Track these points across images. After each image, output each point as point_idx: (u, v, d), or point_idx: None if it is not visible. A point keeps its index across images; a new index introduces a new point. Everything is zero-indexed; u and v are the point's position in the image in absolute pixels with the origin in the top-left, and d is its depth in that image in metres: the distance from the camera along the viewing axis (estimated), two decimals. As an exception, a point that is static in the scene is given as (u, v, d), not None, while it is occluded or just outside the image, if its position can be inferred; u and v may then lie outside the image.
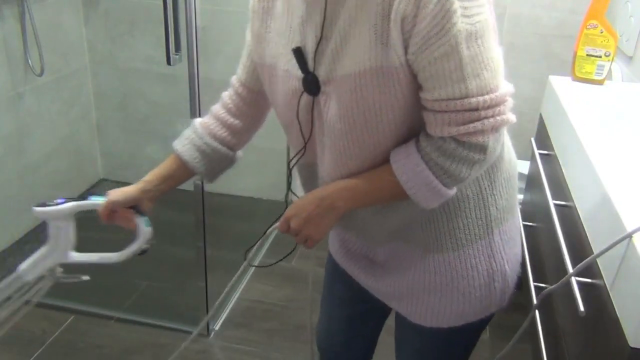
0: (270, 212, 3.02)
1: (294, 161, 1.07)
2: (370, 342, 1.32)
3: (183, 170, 1.19)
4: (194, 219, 1.82)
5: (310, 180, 1.08)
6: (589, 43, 1.49)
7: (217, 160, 1.21)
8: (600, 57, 1.49)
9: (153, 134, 2.88)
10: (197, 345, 1.93)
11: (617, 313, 0.83)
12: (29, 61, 2.35)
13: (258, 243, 1.33)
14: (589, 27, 1.47)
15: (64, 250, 1.14)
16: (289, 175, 1.11)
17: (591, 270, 0.94)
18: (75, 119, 2.76)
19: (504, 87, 0.84)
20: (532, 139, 1.59)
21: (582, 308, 0.92)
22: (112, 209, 1.13)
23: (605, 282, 0.89)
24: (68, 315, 2.02)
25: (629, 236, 0.82)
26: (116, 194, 1.13)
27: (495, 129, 0.84)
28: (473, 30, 0.79)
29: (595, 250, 0.96)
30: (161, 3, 1.54)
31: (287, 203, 1.12)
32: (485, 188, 0.96)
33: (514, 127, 2.74)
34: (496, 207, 0.97)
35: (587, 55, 1.50)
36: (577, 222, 1.08)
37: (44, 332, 1.95)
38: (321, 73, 0.89)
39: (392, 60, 0.81)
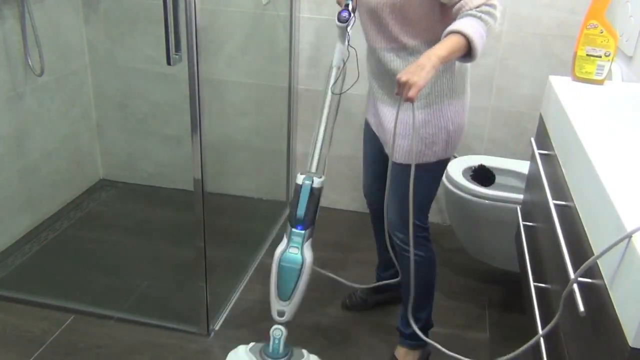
0: (270, 212, 3.04)
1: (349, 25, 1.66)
2: None
3: None
4: (194, 219, 1.82)
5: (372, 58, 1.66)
6: (589, 43, 1.49)
7: None
8: (600, 57, 1.49)
9: (153, 134, 2.88)
10: (197, 345, 1.94)
11: (617, 313, 0.83)
12: (29, 61, 2.35)
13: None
14: (589, 27, 1.47)
15: (345, 38, 1.69)
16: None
17: (591, 271, 0.95)
18: (75, 119, 2.76)
19: None
20: (532, 139, 1.59)
21: (582, 308, 0.92)
22: None
23: (605, 282, 0.89)
24: (68, 315, 2.02)
25: (629, 236, 0.82)
26: None
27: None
28: None
29: (595, 250, 0.97)
30: (161, 3, 1.54)
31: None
32: (446, 76, 1.56)
33: (514, 127, 2.78)
34: (450, 86, 1.57)
35: (587, 55, 1.50)
36: (577, 222, 1.08)
37: (44, 332, 1.95)
38: None
39: None
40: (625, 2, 1.91)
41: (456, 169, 2.14)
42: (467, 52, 1.41)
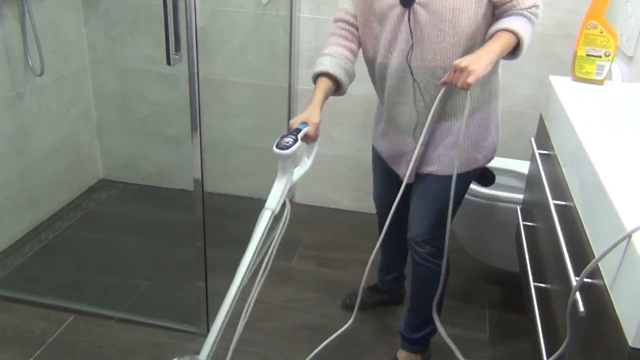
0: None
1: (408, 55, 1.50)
2: (404, 206, 1.68)
3: (333, 89, 1.57)
4: (194, 219, 1.82)
5: (381, 77, 1.57)
6: (589, 43, 1.49)
7: (352, 76, 1.60)
8: (600, 57, 1.49)
9: (153, 134, 2.88)
10: (197, 345, 1.93)
11: (617, 313, 0.83)
12: (29, 61, 2.35)
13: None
14: (589, 27, 1.47)
15: (290, 175, 1.43)
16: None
17: (591, 271, 0.94)
18: (75, 119, 2.76)
19: None
20: (532, 139, 1.59)
21: (582, 308, 0.92)
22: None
23: (605, 282, 0.89)
24: (68, 315, 2.02)
25: (629, 236, 0.82)
26: (315, 116, 1.48)
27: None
28: None
29: (595, 250, 0.97)
30: (161, 3, 1.54)
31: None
32: (492, 78, 1.57)
33: (514, 127, 2.77)
34: (494, 88, 1.59)
35: (587, 55, 1.50)
36: (577, 222, 1.08)
37: (44, 332, 1.95)
38: None
39: None
40: (625, 2, 1.91)
41: (456, 169, 2.14)
42: (511, 51, 1.44)
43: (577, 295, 0.94)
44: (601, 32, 1.47)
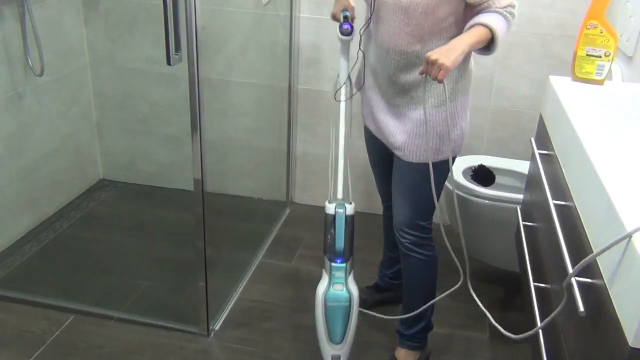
0: (270, 212, 3.03)
1: (363, 28, 1.65)
2: None
3: None
4: (194, 219, 1.82)
5: (367, 41, 1.67)
6: (589, 43, 1.49)
7: None
8: (600, 57, 1.49)
9: (153, 134, 2.88)
10: (197, 345, 1.94)
11: (617, 313, 0.83)
12: (29, 61, 2.35)
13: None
14: (589, 27, 1.47)
15: (348, 53, 1.67)
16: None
17: (591, 270, 0.95)
18: (75, 119, 2.76)
19: None
20: (532, 139, 1.59)
21: (582, 308, 0.92)
22: None
23: (605, 282, 0.89)
24: (68, 315, 2.02)
25: (629, 236, 0.82)
26: (350, 1, 1.68)
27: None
28: None
29: (595, 250, 0.97)
30: (161, 3, 1.54)
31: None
32: (460, 72, 1.58)
33: (514, 127, 2.78)
34: (464, 83, 1.61)
35: (587, 55, 1.50)
36: (577, 222, 1.08)
37: (44, 332, 1.95)
38: None
39: None
40: (625, 2, 1.91)
41: (456, 169, 2.14)
42: (486, 46, 1.49)
43: (575, 288, 0.94)
44: (601, 32, 1.47)
